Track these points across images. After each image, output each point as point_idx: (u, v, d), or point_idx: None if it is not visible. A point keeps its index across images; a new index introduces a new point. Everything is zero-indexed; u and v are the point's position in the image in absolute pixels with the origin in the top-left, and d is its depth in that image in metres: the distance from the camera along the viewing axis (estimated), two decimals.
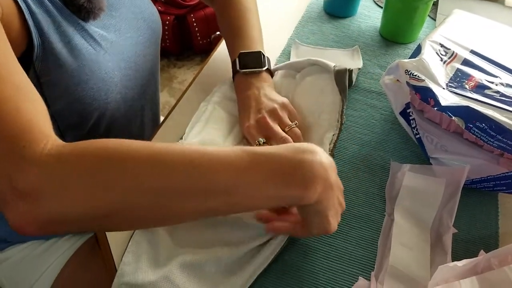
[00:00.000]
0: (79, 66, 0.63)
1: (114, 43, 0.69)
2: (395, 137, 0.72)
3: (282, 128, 0.67)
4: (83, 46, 0.64)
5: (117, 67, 0.69)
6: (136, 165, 0.42)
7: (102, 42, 0.67)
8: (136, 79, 0.76)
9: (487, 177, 0.62)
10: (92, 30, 0.65)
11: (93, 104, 0.67)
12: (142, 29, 0.76)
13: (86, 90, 0.64)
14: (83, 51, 0.63)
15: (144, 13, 0.76)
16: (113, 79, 0.68)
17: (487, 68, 0.65)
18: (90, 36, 0.65)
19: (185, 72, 1.49)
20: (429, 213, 0.60)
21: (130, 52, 0.73)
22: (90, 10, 0.63)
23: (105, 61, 0.67)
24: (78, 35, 0.63)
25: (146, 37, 0.77)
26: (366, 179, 0.66)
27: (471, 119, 0.58)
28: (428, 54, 0.65)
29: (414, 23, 0.88)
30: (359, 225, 0.60)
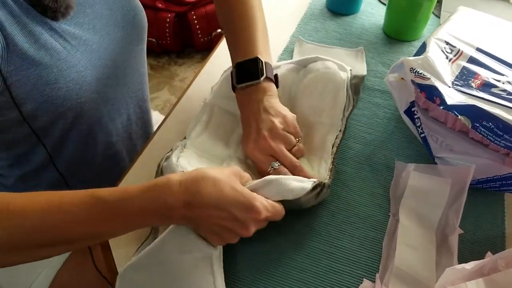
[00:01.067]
0: (47, 65, 0.62)
1: (87, 41, 0.67)
2: (399, 136, 0.71)
3: (287, 148, 0.63)
4: (51, 46, 0.62)
5: (90, 66, 0.67)
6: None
7: (73, 41, 0.65)
8: (117, 77, 0.74)
9: (493, 177, 0.61)
10: (62, 29, 0.64)
11: (64, 104, 0.65)
12: (120, 25, 0.73)
13: (56, 90, 0.63)
14: (51, 51, 0.62)
15: (124, 9, 0.73)
16: (86, 78, 0.66)
17: (493, 66, 0.64)
18: (59, 35, 0.63)
19: (186, 70, 1.48)
20: (434, 214, 0.59)
21: (107, 50, 0.70)
22: (57, 9, 0.61)
23: (76, 60, 0.65)
24: (46, 34, 0.62)
25: (126, 32, 0.74)
26: (370, 178, 0.65)
27: (477, 118, 0.57)
28: (434, 52, 0.64)
29: (418, 20, 0.87)
30: (364, 225, 0.60)
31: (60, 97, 0.63)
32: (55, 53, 0.62)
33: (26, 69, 0.59)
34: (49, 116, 0.64)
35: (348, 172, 0.66)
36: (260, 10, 0.75)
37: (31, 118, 0.63)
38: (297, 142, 0.64)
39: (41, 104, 0.62)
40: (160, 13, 1.48)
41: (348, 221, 0.60)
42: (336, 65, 0.71)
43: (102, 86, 0.71)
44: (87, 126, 0.72)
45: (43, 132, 0.66)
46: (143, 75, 0.84)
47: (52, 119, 0.65)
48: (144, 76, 0.86)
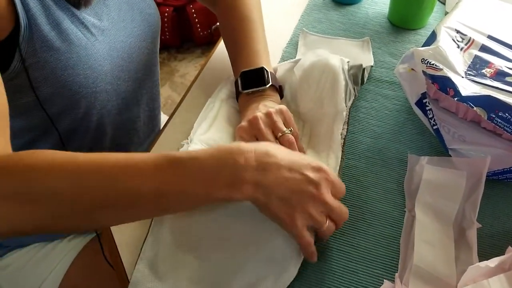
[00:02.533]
0: (67, 50, 0.62)
1: (105, 31, 0.68)
2: (410, 128, 0.70)
3: (275, 134, 0.62)
4: (72, 31, 0.62)
5: (107, 56, 0.68)
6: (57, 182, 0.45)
7: (93, 29, 0.66)
8: (129, 71, 0.74)
9: (509, 168, 0.60)
10: (83, 17, 0.64)
11: (80, 91, 0.65)
12: (137, 21, 0.74)
13: (73, 75, 0.63)
14: (72, 36, 0.62)
15: (140, 5, 0.74)
16: (103, 68, 0.67)
17: (506, 54, 0.63)
18: (80, 23, 0.64)
19: (187, 65, 1.47)
20: (451, 208, 0.58)
21: (123, 43, 0.71)
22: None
23: (95, 48, 0.66)
24: (67, 20, 0.62)
25: (141, 29, 0.75)
26: (382, 173, 0.64)
27: (493, 109, 0.56)
28: (444, 41, 0.63)
29: (424, 8, 0.85)
30: (379, 222, 0.58)
31: (76, 84, 0.64)
32: (75, 39, 0.63)
33: (46, 52, 0.59)
34: (64, 103, 0.65)
35: (359, 167, 0.65)
36: (261, 23, 0.76)
37: (47, 103, 0.63)
38: (286, 132, 0.62)
39: (57, 89, 0.62)
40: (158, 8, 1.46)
41: (362, 218, 0.59)
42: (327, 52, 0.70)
43: (116, 79, 0.71)
44: (97, 118, 0.72)
45: (56, 117, 0.66)
46: (154, 73, 0.85)
47: (66, 105, 0.66)
48: (156, 74, 0.86)
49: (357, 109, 0.73)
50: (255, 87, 0.67)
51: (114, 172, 0.46)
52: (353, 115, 0.72)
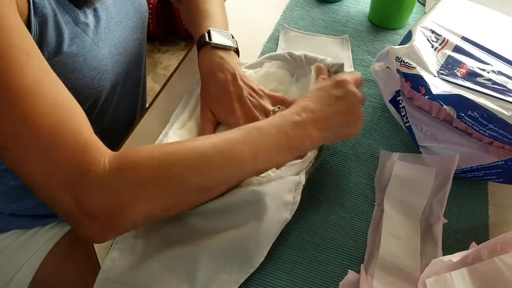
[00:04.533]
0: (74, 55, 0.61)
1: (106, 29, 0.67)
2: (384, 125, 0.71)
3: (267, 115, 0.65)
4: (78, 34, 0.62)
5: (109, 54, 0.67)
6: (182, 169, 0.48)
7: (95, 29, 0.65)
8: (124, 64, 0.74)
9: (477, 166, 0.61)
10: (86, 17, 0.63)
11: (85, 93, 0.65)
12: (130, 13, 0.74)
13: (80, 79, 0.62)
14: (77, 40, 0.61)
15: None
16: (106, 67, 0.66)
17: (478, 55, 0.64)
18: (85, 24, 0.63)
19: (170, 58, 1.46)
20: (419, 203, 0.59)
21: (120, 38, 0.71)
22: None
23: (99, 49, 0.65)
24: (73, 23, 0.61)
25: (134, 20, 0.75)
26: (354, 168, 0.65)
27: (462, 108, 0.57)
28: (419, 40, 0.64)
29: (403, 8, 0.87)
30: (349, 215, 0.59)
31: (83, 86, 0.63)
32: (80, 42, 0.62)
33: (53, 57, 0.58)
34: None
35: (332, 162, 0.66)
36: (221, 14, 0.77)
37: None
38: (274, 110, 0.64)
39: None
40: None
41: (333, 211, 0.60)
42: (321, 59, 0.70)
43: (116, 75, 0.71)
44: (96, 115, 0.72)
45: None
46: (143, 63, 0.85)
47: None
48: (144, 65, 0.86)
49: None
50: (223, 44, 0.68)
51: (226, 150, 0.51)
52: None
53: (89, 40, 0.63)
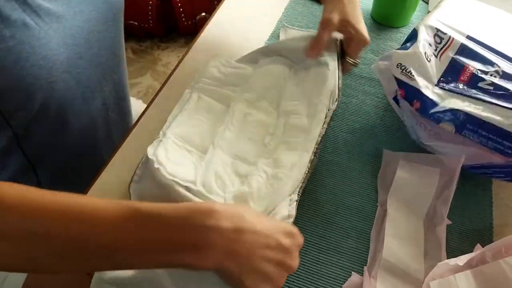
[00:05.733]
0: (19, 42, 0.59)
1: (61, 18, 0.64)
2: (388, 124, 0.70)
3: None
4: (24, 22, 0.59)
5: (62, 44, 0.64)
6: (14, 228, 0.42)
7: (46, 17, 0.62)
8: (90, 57, 0.71)
9: (486, 163, 0.60)
10: (36, 4, 0.61)
11: (35, 83, 0.62)
12: (95, 3, 0.70)
13: (27, 68, 0.60)
14: (23, 27, 0.59)
15: None
16: (58, 57, 0.64)
17: (483, 55, 0.63)
18: (32, 10, 0.60)
19: (169, 55, 1.45)
20: (423, 204, 0.59)
21: (80, 28, 0.67)
22: None
23: (48, 37, 0.62)
24: (19, 9, 0.59)
25: (101, 12, 0.71)
26: (358, 168, 0.64)
27: (461, 123, 0.58)
28: (424, 42, 0.63)
29: (407, 7, 0.86)
30: (351, 216, 0.59)
31: (30, 76, 0.61)
32: (27, 30, 0.59)
33: None
34: (18, 96, 0.61)
35: (335, 162, 0.65)
36: None
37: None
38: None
39: (9, 82, 0.59)
40: None
41: (335, 211, 0.59)
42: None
43: (74, 66, 0.68)
44: (57, 107, 0.69)
45: (10, 113, 0.63)
46: (119, 59, 0.81)
47: (21, 99, 0.62)
48: (121, 60, 0.82)
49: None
50: None
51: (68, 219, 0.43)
52: None
53: (37, 28, 0.60)
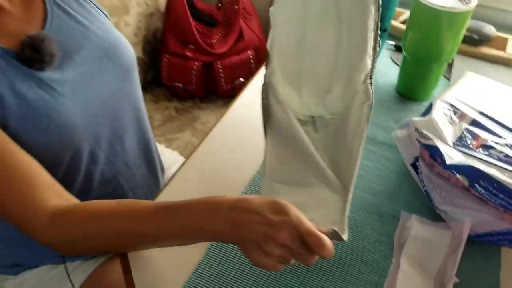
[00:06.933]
0: (37, 117, 0.66)
1: (74, 85, 0.71)
2: (407, 188, 0.76)
3: None
4: (39, 98, 0.66)
5: (79, 110, 0.71)
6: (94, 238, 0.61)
7: (61, 88, 0.69)
8: (107, 114, 0.78)
9: (490, 232, 0.65)
10: (50, 78, 0.68)
11: (59, 147, 0.70)
12: (106, 67, 0.77)
13: (47, 136, 0.68)
14: (40, 103, 0.66)
15: (108, 50, 0.77)
16: (75, 122, 0.71)
17: (494, 129, 0.69)
18: (47, 85, 0.67)
19: (208, 114, 1.56)
20: (434, 262, 0.63)
21: (94, 93, 0.75)
22: (42, 60, 0.66)
23: (65, 107, 0.69)
24: (35, 87, 0.66)
25: (113, 74, 0.78)
26: (376, 226, 0.70)
27: (474, 178, 0.62)
28: (438, 113, 0.70)
29: (429, 82, 0.93)
30: (367, 269, 0.63)
31: (53, 142, 0.69)
32: (43, 104, 0.67)
33: (18, 122, 0.65)
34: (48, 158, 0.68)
35: (356, 219, 0.71)
36: None
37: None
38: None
39: (37, 149, 0.66)
40: (188, 61, 1.58)
41: (353, 264, 0.64)
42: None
43: (94, 124, 0.75)
44: (84, 161, 0.77)
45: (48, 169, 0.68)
46: (138, 110, 0.88)
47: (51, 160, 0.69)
48: (140, 111, 0.90)
49: (361, 168, 0.79)
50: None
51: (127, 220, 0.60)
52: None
53: (53, 101, 0.67)
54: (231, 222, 0.52)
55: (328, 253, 0.50)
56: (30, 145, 0.65)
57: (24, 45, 0.65)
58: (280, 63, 0.68)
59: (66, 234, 0.61)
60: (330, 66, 0.70)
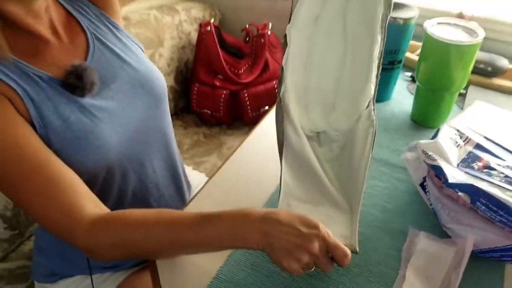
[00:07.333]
0: (77, 138, 0.74)
1: (111, 112, 0.79)
2: (416, 207, 0.81)
3: None
4: (80, 121, 0.74)
5: (114, 133, 0.79)
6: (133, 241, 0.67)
7: (99, 113, 0.77)
8: (139, 138, 0.86)
9: (493, 248, 0.69)
10: (89, 104, 0.76)
11: (95, 166, 0.78)
12: (140, 96, 0.84)
13: (85, 157, 0.75)
14: (80, 125, 0.74)
15: (142, 80, 0.85)
16: (110, 143, 0.78)
17: (497, 153, 0.74)
18: (86, 110, 0.75)
19: (234, 140, 1.65)
20: (438, 274, 0.67)
21: (128, 118, 0.82)
22: (83, 87, 0.74)
23: (101, 130, 0.77)
24: (76, 111, 0.74)
25: (145, 101, 0.86)
26: (386, 241, 0.75)
27: (476, 195, 0.67)
28: (444, 137, 0.76)
29: (441, 111, 0.99)
30: (374, 279, 0.68)
31: (91, 161, 0.77)
32: (83, 127, 0.75)
33: (59, 141, 0.73)
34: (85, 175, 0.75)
35: (367, 234, 0.76)
36: None
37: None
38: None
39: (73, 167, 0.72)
40: (216, 90, 1.68)
41: (362, 275, 0.69)
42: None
43: (126, 148, 0.83)
44: (117, 180, 0.85)
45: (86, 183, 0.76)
46: (165, 135, 0.96)
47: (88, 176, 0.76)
48: (169, 137, 0.97)
49: (373, 188, 0.85)
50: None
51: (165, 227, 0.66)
52: (368, 192, 0.84)
53: (91, 124, 0.75)
54: (262, 232, 0.60)
55: (348, 263, 0.61)
56: (70, 163, 0.72)
57: (68, 73, 0.74)
58: (292, 80, 0.76)
59: (106, 238, 0.66)
60: (333, 84, 0.77)
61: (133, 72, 0.84)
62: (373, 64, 0.73)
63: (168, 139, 0.97)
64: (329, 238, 0.61)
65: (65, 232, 0.68)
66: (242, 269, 0.70)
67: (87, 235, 0.66)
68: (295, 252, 0.59)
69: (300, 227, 0.60)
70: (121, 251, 0.68)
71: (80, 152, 0.75)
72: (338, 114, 0.78)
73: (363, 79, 0.74)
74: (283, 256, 0.60)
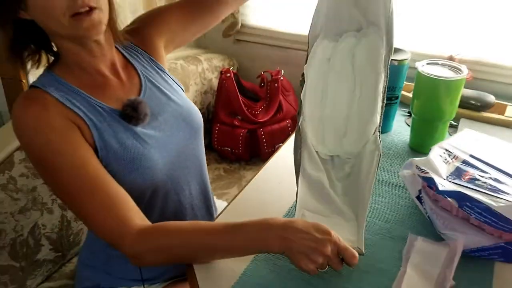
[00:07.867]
0: (130, 160, 0.88)
1: (158, 139, 0.94)
2: (414, 217, 0.93)
3: None
4: (134, 145, 0.89)
5: (160, 157, 0.93)
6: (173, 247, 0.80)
7: (149, 140, 0.92)
8: (179, 162, 1.00)
9: (482, 247, 0.81)
10: (141, 132, 0.91)
11: (143, 184, 0.92)
12: (181, 127, 0.99)
13: (137, 176, 0.90)
14: (133, 149, 0.89)
15: (183, 114, 1.00)
16: (157, 166, 0.92)
17: (480, 167, 0.88)
18: (139, 137, 0.90)
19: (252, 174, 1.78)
20: (434, 269, 0.79)
21: (171, 145, 0.97)
22: (138, 117, 0.90)
23: (150, 154, 0.91)
24: (131, 137, 0.89)
25: (185, 131, 1.00)
26: (388, 245, 0.87)
27: (462, 200, 0.80)
28: (435, 155, 0.90)
29: (435, 138, 1.12)
30: (379, 274, 0.80)
31: (140, 180, 0.92)
32: (136, 150, 0.89)
33: (116, 162, 0.87)
34: (134, 193, 0.87)
35: (372, 240, 0.88)
36: None
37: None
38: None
39: (127, 186, 0.86)
40: (236, 129, 1.85)
41: (367, 271, 0.81)
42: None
43: (169, 170, 0.97)
44: (160, 199, 1.00)
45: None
46: (200, 162, 1.09)
47: (136, 194, 0.88)
48: (202, 163, 1.10)
49: (377, 203, 0.98)
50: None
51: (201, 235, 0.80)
52: (373, 206, 0.97)
53: (142, 149, 0.90)
54: (283, 238, 0.74)
55: (356, 263, 0.74)
56: (122, 183, 0.87)
57: (126, 106, 0.91)
58: (309, 111, 0.91)
59: (149, 245, 0.80)
60: (345, 114, 0.92)
61: (177, 107, 1.01)
62: (378, 97, 0.89)
63: (203, 166, 1.12)
64: (340, 242, 0.74)
65: (117, 239, 0.81)
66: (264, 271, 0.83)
67: (134, 243, 0.80)
68: (311, 254, 0.72)
69: (315, 233, 0.73)
70: (162, 256, 0.80)
71: (133, 172, 0.90)
72: (349, 140, 0.93)
73: (370, 109, 0.89)
74: (301, 258, 0.73)
